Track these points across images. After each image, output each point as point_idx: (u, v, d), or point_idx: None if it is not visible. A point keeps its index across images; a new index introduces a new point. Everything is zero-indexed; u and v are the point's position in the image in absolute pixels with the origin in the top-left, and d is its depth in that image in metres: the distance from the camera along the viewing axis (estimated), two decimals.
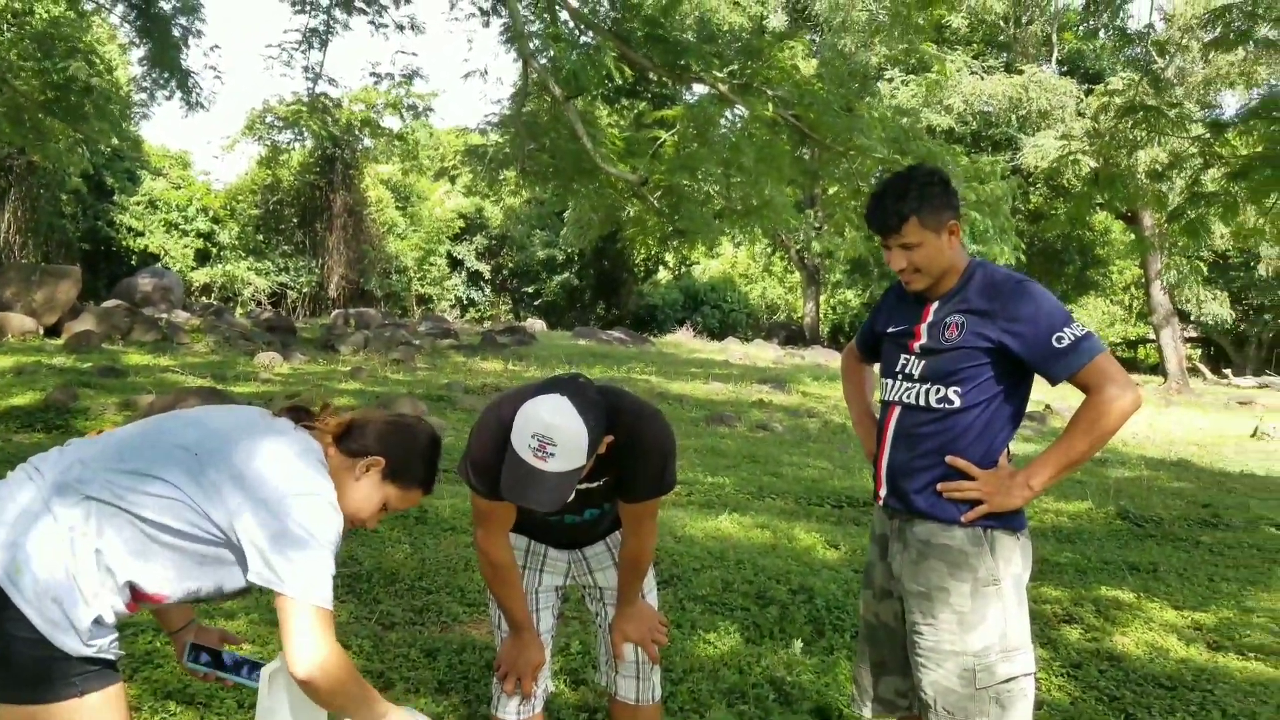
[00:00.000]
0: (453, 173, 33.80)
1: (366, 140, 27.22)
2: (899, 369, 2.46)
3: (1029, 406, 2.57)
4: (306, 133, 16.33)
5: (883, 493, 2.48)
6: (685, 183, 10.05)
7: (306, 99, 12.73)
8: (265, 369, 12.42)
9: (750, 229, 11.87)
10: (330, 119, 14.90)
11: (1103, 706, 3.69)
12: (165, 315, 17.24)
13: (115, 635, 1.85)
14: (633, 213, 11.67)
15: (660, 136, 10.59)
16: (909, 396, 2.42)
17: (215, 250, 28.06)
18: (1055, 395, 14.61)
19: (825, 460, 9.25)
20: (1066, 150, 19.54)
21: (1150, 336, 30.10)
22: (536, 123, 10.53)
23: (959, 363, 2.34)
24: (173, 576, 1.86)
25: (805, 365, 21.07)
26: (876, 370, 2.72)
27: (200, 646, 2.20)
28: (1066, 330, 2.25)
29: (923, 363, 2.40)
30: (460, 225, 32.28)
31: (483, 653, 3.66)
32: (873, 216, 2.44)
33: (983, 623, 2.30)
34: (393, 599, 4.26)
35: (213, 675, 2.19)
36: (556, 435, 1.98)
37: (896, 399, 2.46)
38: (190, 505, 1.84)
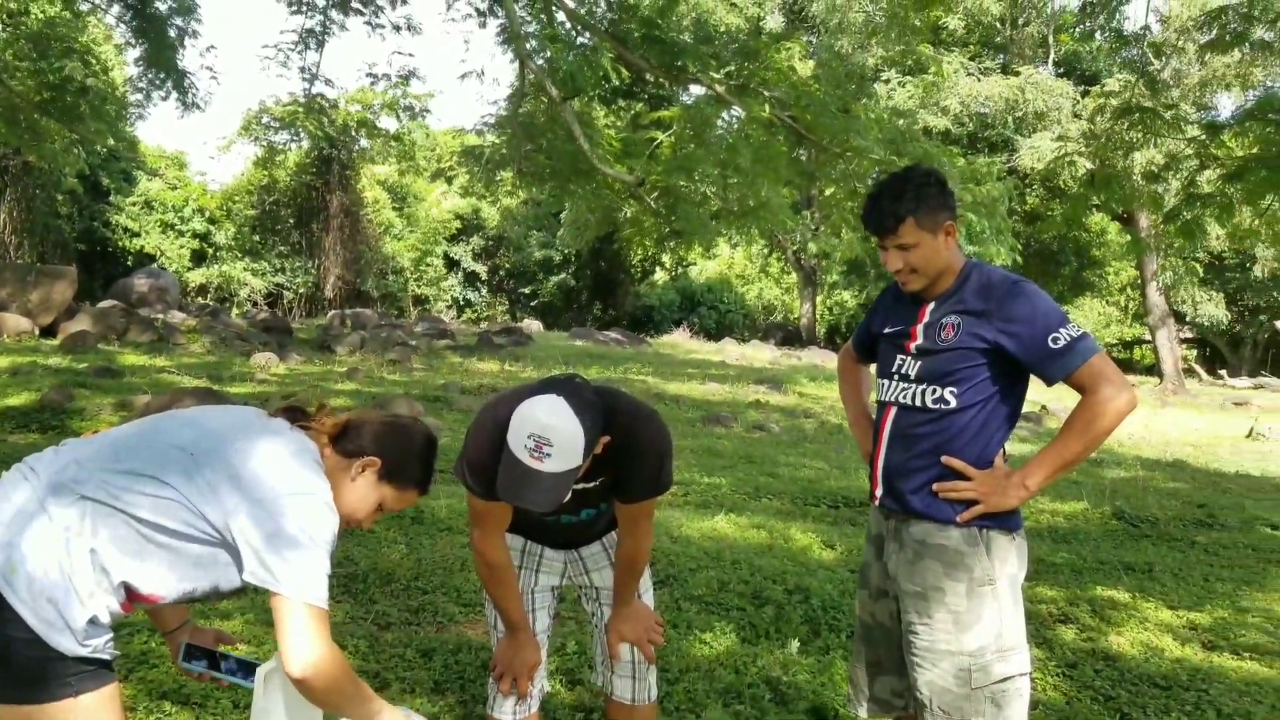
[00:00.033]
0: (449, 173, 33.78)
1: (363, 141, 27.23)
2: (895, 369, 2.47)
3: (1025, 407, 2.57)
4: (303, 133, 16.34)
5: (879, 493, 2.49)
6: (682, 184, 10.05)
7: (303, 99, 12.73)
8: (261, 369, 12.41)
9: (747, 230, 11.87)
10: (327, 120, 14.91)
11: (1098, 706, 3.70)
12: (161, 316, 17.21)
13: (110, 635, 1.84)
14: (629, 213, 11.67)
15: (657, 137, 10.59)
16: (905, 397, 2.42)
17: (211, 251, 28.04)
18: (1051, 396, 14.64)
19: (821, 460, 9.25)
20: (1062, 151, 19.55)
21: (1146, 337, 30.15)
22: (533, 123, 10.53)
23: (955, 363, 2.34)
24: (168, 576, 1.86)
25: (802, 366, 21.08)
26: (873, 371, 2.72)
27: (195, 647, 2.19)
28: (1062, 331, 2.26)
29: (919, 363, 2.41)
30: (457, 226, 32.27)
31: (479, 653, 3.66)
32: (869, 217, 2.44)
33: (978, 622, 2.30)
34: (389, 599, 4.26)
35: (208, 675, 2.19)
36: (553, 435, 1.98)
37: (893, 399, 2.46)
38: (186, 505, 1.83)
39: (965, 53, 25.38)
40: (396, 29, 12.09)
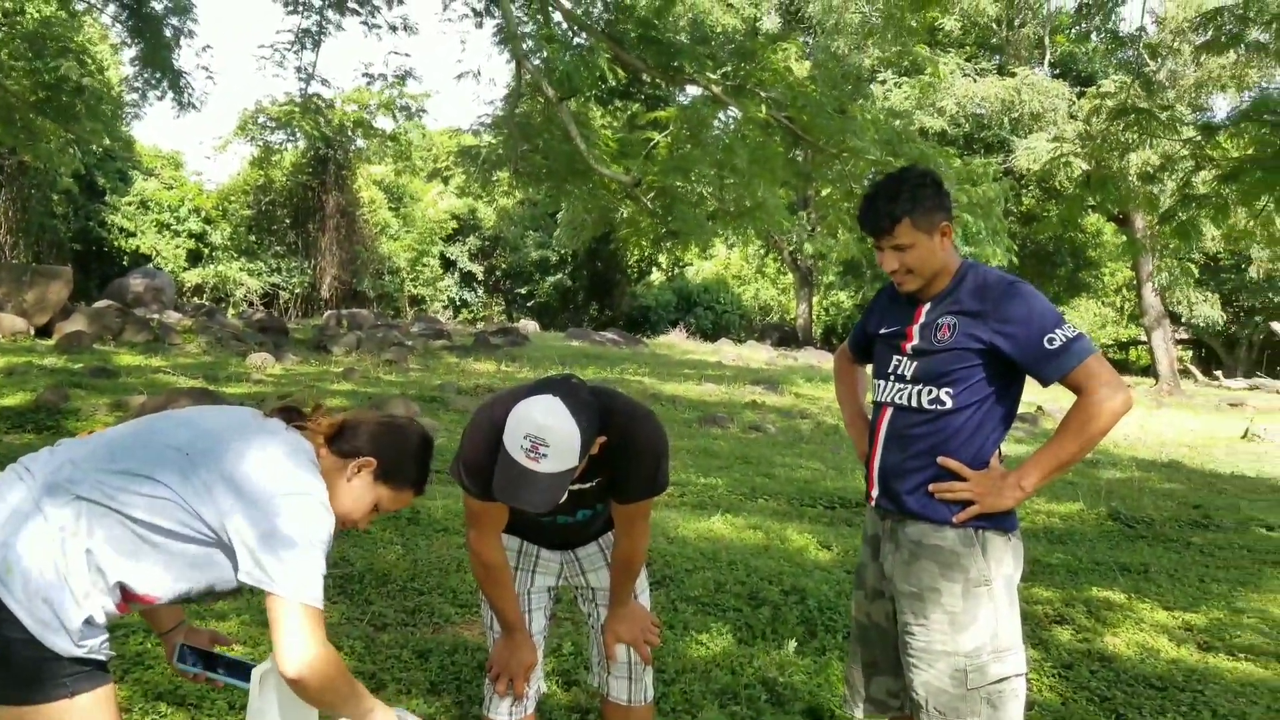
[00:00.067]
0: (446, 174, 33.75)
1: (359, 141, 27.20)
2: (891, 370, 2.47)
3: (1020, 408, 2.57)
4: (299, 133, 16.33)
5: (875, 493, 2.49)
6: (678, 184, 10.04)
7: (299, 99, 12.73)
8: (257, 370, 12.39)
9: (743, 230, 11.87)
10: (323, 119, 14.89)
11: (1094, 707, 3.70)
12: (157, 316, 17.18)
13: (106, 636, 1.84)
14: (626, 214, 11.66)
15: (653, 138, 10.58)
16: (901, 398, 2.42)
17: (207, 251, 27.98)
18: (1047, 396, 14.65)
19: (818, 461, 9.26)
20: (1058, 152, 19.56)
21: (1142, 338, 30.20)
22: (530, 124, 10.52)
23: (951, 364, 2.34)
24: (164, 577, 1.85)
25: (798, 366, 21.09)
26: (869, 371, 2.72)
27: (191, 648, 2.19)
28: (1058, 332, 2.26)
29: (915, 364, 2.41)
30: (453, 226, 32.25)
31: (475, 654, 3.66)
32: (865, 218, 2.44)
33: (974, 623, 2.30)
34: (385, 600, 4.26)
35: (203, 676, 2.18)
36: (549, 436, 1.98)
37: (888, 400, 2.46)
38: (181, 505, 1.83)
39: (961, 54, 25.40)
40: (393, 29, 12.11)
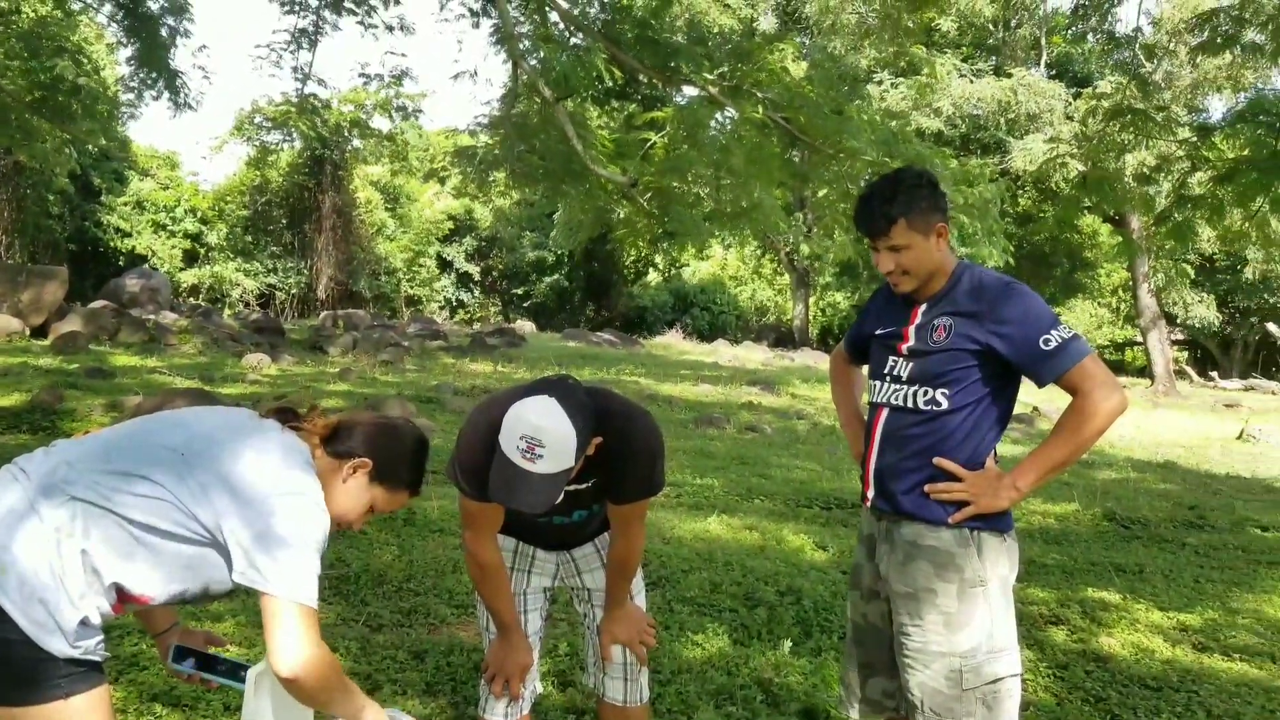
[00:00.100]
0: (442, 174, 33.76)
1: (356, 141, 27.16)
2: (887, 371, 2.47)
3: (1016, 409, 2.58)
4: (295, 134, 16.26)
5: (870, 494, 2.49)
6: (675, 185, 10.05)
7: (295, 99, 12.69)
8: (253, 370, 12.38)
9: (740, 231, 11.90)
10: (319, 120, 14.84)
11: (1088, 707, 3.71)
12: (153, 316, 17.16)
13: (101, 637, 1.84)
14: (622, 214, 11.65)
15: (650, 138, 10.59)
16: (897, 398, 2.42)
17: (203, 251, 27.96)
18: (1043, 397, 14.67)
19: (814, 462, 9.26)
20: (1055, 153, 19.58)
21: (1137, 339, 30.21)
22: (526, 124, 10.51)
23: (947, 365, 2.34)
24: (159, 577, 1.85)
25: (794, 367, 21.09)
26: (865, 372, 2.73)
27: (185, 648, 2.19)
28: (1054, 332, 2.26)
29: (911, 364, 2.41)
30: (449, 227, 32.24)
31: (471, 654, 3.66)
32: (861, 219, 2.44)
33: (969, 624, 2.30)
34: (380, 601, 4.26)
35: (198, 677, 2.18)
36: (545, 437, 1.98)
37: (884, 401, 2.46)
38: (177, 505, 1.83)
39: (958, 54, 25.40)
40: (389, 29, 12.07)
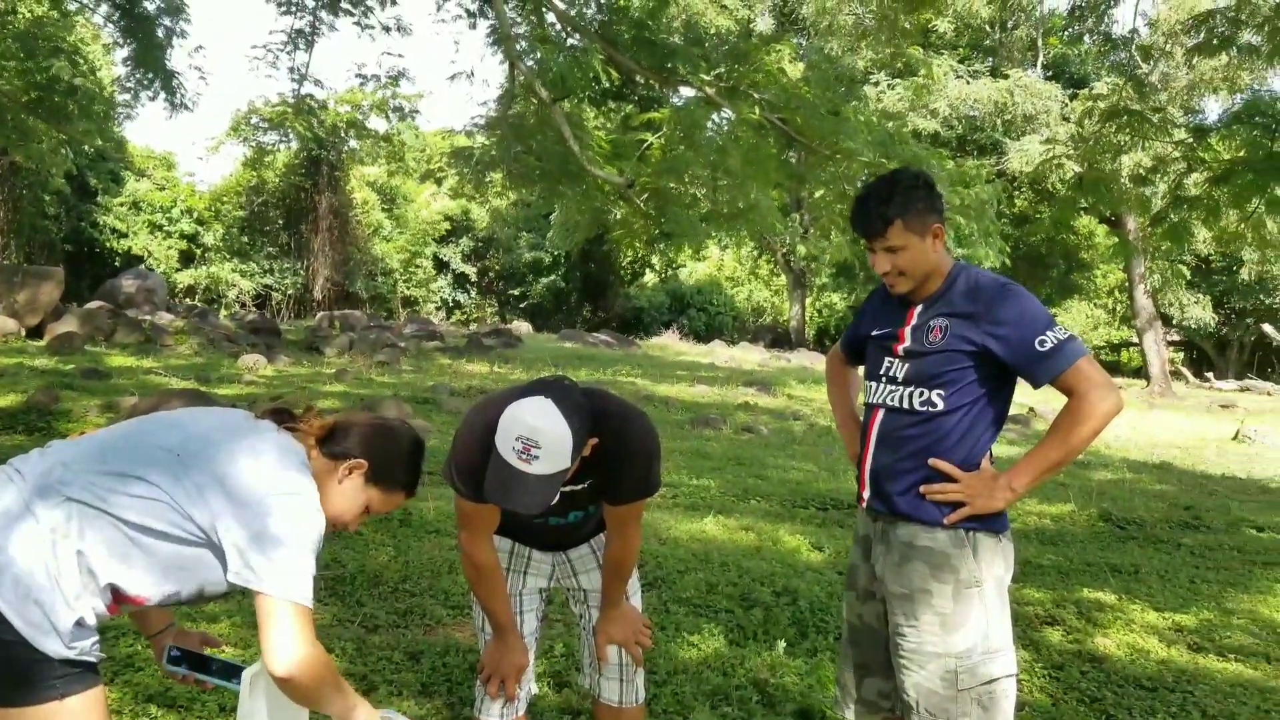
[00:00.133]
0: (439, 175, 33.76)
1: (352, 142, 27.15)
2: (883, 372, 2.47)
3: (1012, 409, 2.58)
4: (292, 134, 16.25)
5: (866, 495, 2.49)
6: (672, 185, 10.06)
7: (292, 100, 12.69)
8: (249, 371, 12.37)
9: (736, 232, 11.90)
10: (316, 120, 14.84)
11: (1084, 708, 3.71)
12: (149, 317, 17.13)
13: (96, 638, 1.84)
14: (619, 215, 11.66)
15: (647, 139, 10.60)
16: (893, 399, 2.43)
17: (199, 252, 27.95)
18: (1039, 398, 14.68)
19: (810, 463, 9.26)
20: (1051, 154, 19.63)
21: (1133, 340, 30.25)
22: (523, 125, 10.52)
23: (943, 366, 2.34)
24: (154, 578, 1.85)
25: (791, 368, 21.10)
26: (861, 373, 2.73)
27: (180, 649, 2.18)
28: (1049, 334, 2.26)
29: (907, 365, 2.41)
30: (446, 227, 32.24)
31: (466, 655, 3.66)
32: (857, 220, 2.44)
33: (965, 624, 2.30)
34: (376, 601, 4.25)
35: (192, 678, 2.18)
36: (540, 438, 1.98)
37: (880, 402, 2.46)
38: (172, 506, 1.83)
39: (954, 55, 25.42)
40: (386, 30, 12.07)
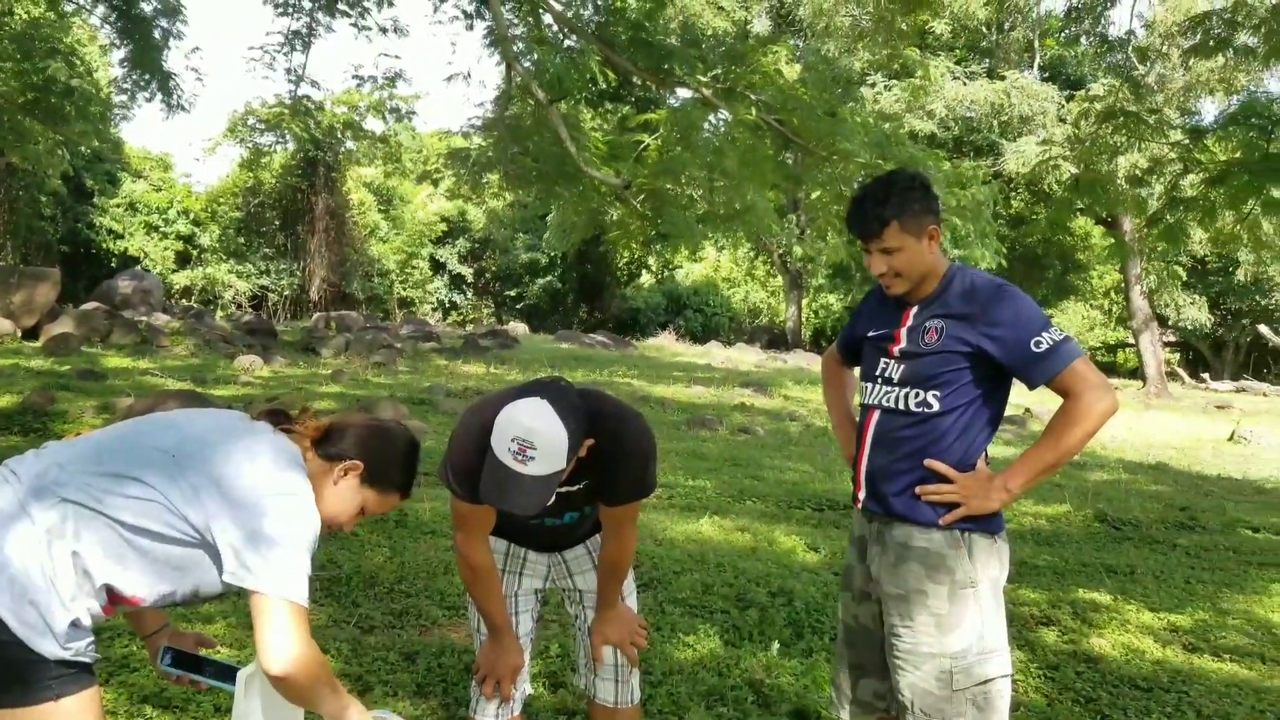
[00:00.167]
0: (435, 176, 33.73)
1: (349, 143, 27.09)
2: (879, 373, 2.47)
3: (1008, 410, 2.58)
4: (288, 135, 16.24)
5: (862, 496, 2.49)
6: (668, 187, 10.06)
7: (289, 101, 12.68)
8: (245, 372, 12.35)
9: (733, 233, 11.91)
10: (312, 121, 14.83)
11: (1079, 708, 3.71)
12: (145, 318, 17.10)
13: (92, 639, 1.84)
14: (616, 216, 11.66)
15: (644, 140, 10.60)
16: (888, 400, 2.43)
17: (196, 253, 27.92)
18: (1035, 399, 14.68)
19: (806, 463, 9.27)
20: (1047, 156, 19.66)
21: (1129, 341, 30.31)
22: (520, 126, 10.52)
23: (938, 367, 2.35)
24: (150, 579, 1.85)
25: (787, 369, 21.10)
26: (857, 374, 2.73)
27: (175, 650, 2.18)
28: (1045, 335, 2.27)
29: (902, 366, 2.41)
30: (443, 228, 32.22)
31: (462, 656, 3.66)
32: (853, 221, 2.45)
33: (960, 625, 2.31)
34: (372, 602, 4.25)
35: (187, 679, 2.18)
36: (536, 439, 1.98)
37: (876, 403, 2.47)
38: (168, 507, 1.83)
39: (951, 57, 25.46)
40: (383, 31, 12.07)
